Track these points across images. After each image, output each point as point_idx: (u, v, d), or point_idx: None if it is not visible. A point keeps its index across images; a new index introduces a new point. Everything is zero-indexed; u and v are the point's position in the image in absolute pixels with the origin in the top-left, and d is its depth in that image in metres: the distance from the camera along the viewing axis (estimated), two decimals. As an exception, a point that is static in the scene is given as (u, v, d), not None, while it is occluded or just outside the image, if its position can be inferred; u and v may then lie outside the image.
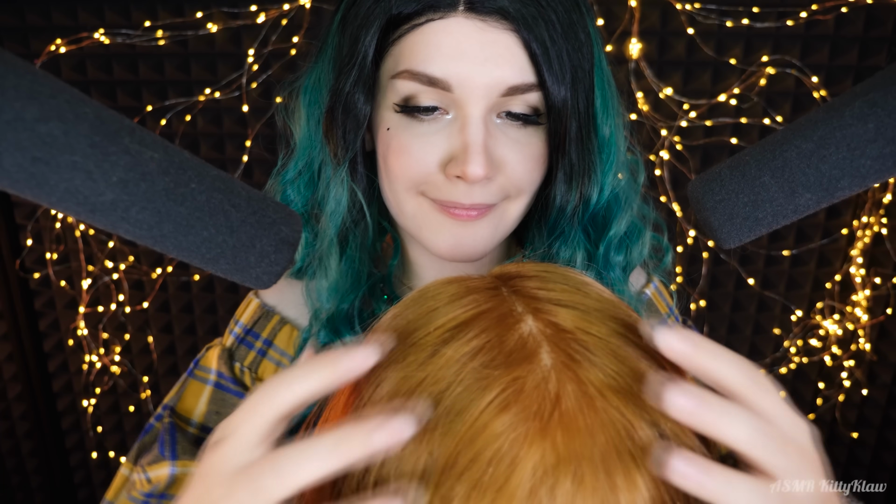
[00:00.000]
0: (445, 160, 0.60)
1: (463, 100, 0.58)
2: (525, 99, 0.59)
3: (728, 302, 1.80)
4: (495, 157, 0.59)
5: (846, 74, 1.59)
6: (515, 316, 0.39)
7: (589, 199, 0.65)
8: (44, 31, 1.62)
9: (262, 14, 1.57)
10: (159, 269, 1.81)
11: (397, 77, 0.59)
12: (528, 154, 0.61)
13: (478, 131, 0.58)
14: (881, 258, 1.72)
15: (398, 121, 0.60)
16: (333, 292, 0.68)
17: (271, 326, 0.74)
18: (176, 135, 1.68)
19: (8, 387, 1.92)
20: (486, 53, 0.56)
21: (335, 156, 0.65)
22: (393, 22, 0.58)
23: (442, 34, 0.57)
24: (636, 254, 0.71)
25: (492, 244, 0.65)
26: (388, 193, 0.65)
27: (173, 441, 0.68)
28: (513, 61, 0.57)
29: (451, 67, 0.57)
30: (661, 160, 1.67)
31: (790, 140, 0.49)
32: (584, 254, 0.67)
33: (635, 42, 1.58)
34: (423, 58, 0.57)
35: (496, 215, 0.63)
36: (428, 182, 0.61)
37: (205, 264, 0.48)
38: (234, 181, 0.49)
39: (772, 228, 0.52)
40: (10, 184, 0.41)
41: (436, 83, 0.57)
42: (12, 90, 0.40)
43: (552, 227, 0.66)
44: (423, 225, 0.63)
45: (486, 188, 0.60)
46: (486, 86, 0.57)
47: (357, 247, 0.68)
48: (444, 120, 0.59)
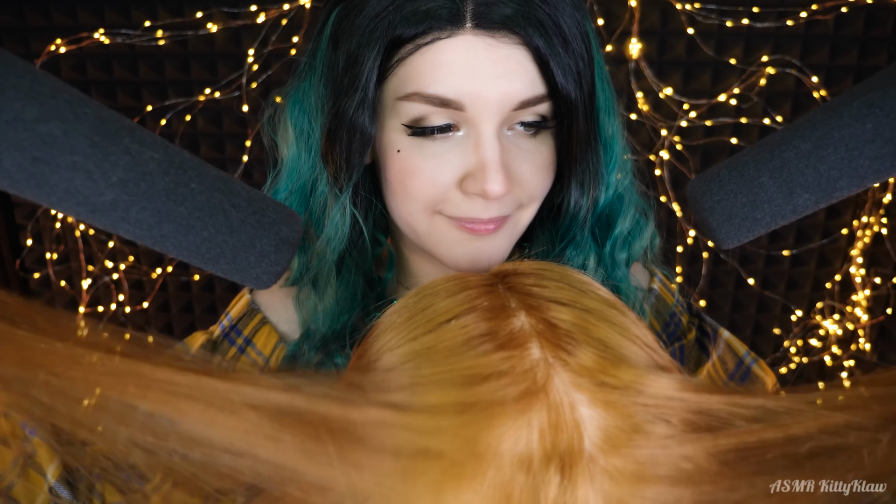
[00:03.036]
0: (461, 178, 0.58)
1: (476, 117, 0.56)
2: (535, 110, 0.58)
3: (728, 302, 1.80)
4: (512, 173, 0.58)
5: (846, 74, 1.59)
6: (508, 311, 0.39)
7: (597, 201, 0.65)
8: (44, 31, 1.62)
9: (262, 14, 1.57)
10: (159, 269, 1.81)
11: (406, 99, 0.57)
12: (540, 163, 0.60)
13: (494, 148, 0.56)
14: (881, 258, 1.72)
15: (409, 141, 0.59)
16: (328, 314, 0.67)
17: (253, 325, 0.73)
18: (176, 135, 1.68)
19: (8, 386, 1.92)
20: (498, 70, 0.55)
21: (336, 180, 0.63)
22: (396, 42, 0.56)
23: (451, 53, 0.55)
24: (637, 247, 0.71)
25: (507, 253, 0.64)
26: (403, 213, 0.63)
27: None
28: (524, 75, 0.56)
29: (463, 87, 0.55)
30: (661, 160, 1.67)
31: (789, 140, 0.49)
32: (595, 257, 0.67)
33: (635, 42, 1.58)
34: (432, 79, 0.55)
35: (510, 225, 0.62)
36: (445, 200, 0.59)
37: (205, 264, 0.48)
38: (234, 181, 0.49)
39: (770, 229, 0.52)
40: (10, 184, 0.41)
41: (448, 104, 0.55)
42: (12, 90, 0.40)
43: (564, 233, 0.65)
44: (439, 242, 0.62)
45: (503, 201, 0.59)
46: (499, 102, 0.56)
47: (353, 270, 0.67)
48: (456, 137, 0.58)
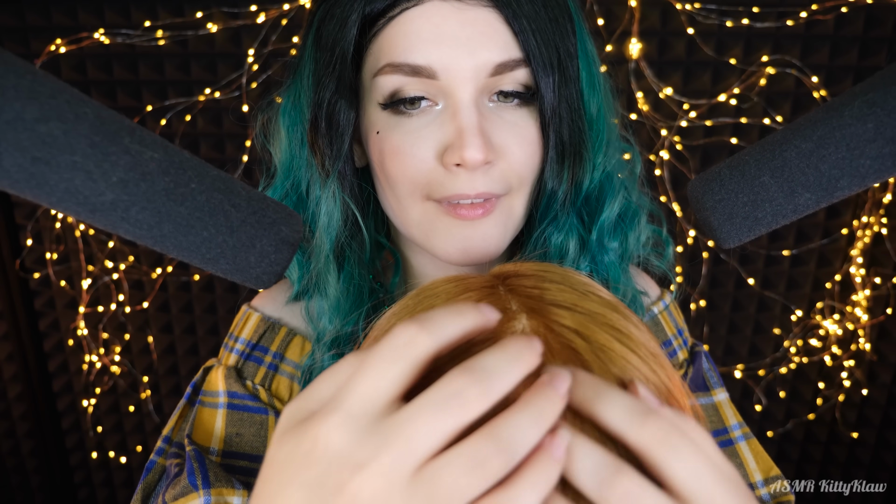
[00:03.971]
0: (441, 150, 0.57)
1: (450, 86, 0.56)
2: (514, 77, 0.57)
3: (728, 302, 1.80)
4: (493, 142, 0.57)
5: (846, 74, 1.59)
6: (509, 314, 0.39)
7: (581, 181, 0.63)
8: (44, 31, 1.62)
9: (262, 14, 1.57)
10: (159, 269, 1.81)
11: (380, 73, 0.57)
12: (526, 136, 0.59)
13: (470, 114, 0.56)
14: (881, 258, 1.72)
15: (386, 120, 0.59)
16: (336, 312, 0.65)
17: (280, 339, 0.70)
18: (176, 135, 1.68)
19: (8, 387, 1.92)
20: (468, 33, 0.55)
21: (322, 168, 0.63)
22: (368, 19, 0.57)
23: (419, 20, 0.55)
24: (633, 239, 0.69)
25: (502, 244, 0.63)
26: (392, 202, 0.63)
27: (204, 468, 0.59)
28: (496, 38, 0.55)
29: (433, 53, 0.55)
30: (661, 160, 1.67)
31: (790, 140, 0.49)
32: (578, 240, 0.65)
33: (635, 42, 1.58)
34: (402, 48, 0.55)
35: (503, 212, 0.61)
36: (430, 181, 0.59)
37: (205, 264, 0.48)
38: (234, 181, 0.49)
39: (771, 228, 0.52)
40: (10, 184, 0.41)
41: (420, 72, 0.55)
42: (12, 90, 0.40)
43: (544, 212, 0.63)
44: (429, 231, 0.61)
45: (489, 175, 0.58)
46: (473, 67, 0.55)
47: (355, 262, 0.65)
48: (434, 111, 0.58)
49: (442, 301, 0.41)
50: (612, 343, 0.38)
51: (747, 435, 0.70)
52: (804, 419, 1.90)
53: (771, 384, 1.87)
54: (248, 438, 0.64)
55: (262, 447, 0.64)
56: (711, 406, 0.70)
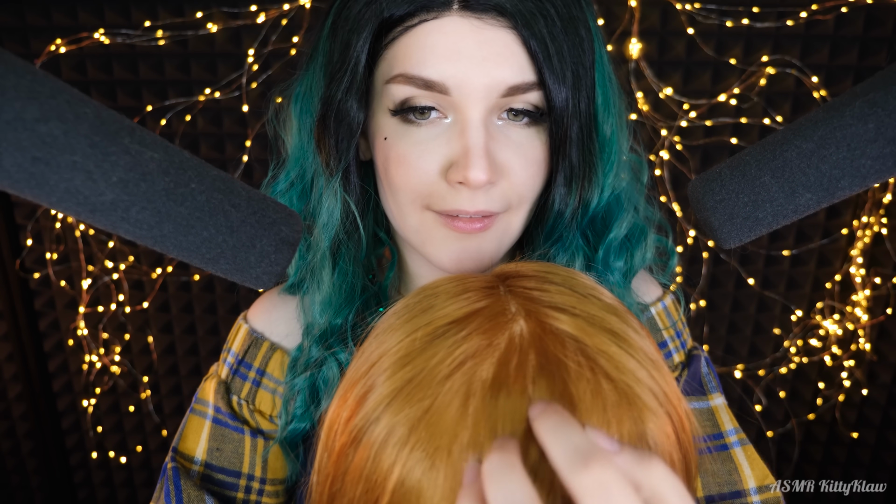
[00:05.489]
0: (446, 166, 0.57)
1: (461, 103, 0.55)
2: (526, 98, 0.56)
3: (728, 302, 1.80)
4: (498, 162, 0.57)
5: (846, 74, 1.59)
6: (508, 316, 0.39)
7: (588, 202, 0.63)
8: (44, 31, 1.62)
9: (262, 14, 1.57)
10: (159, 269, 1.81)
11: (392, 82, 0.56)
12: (531, 157, 0.59)
13: (478, 134, 0.55)
14: (881, 258, 1.72)
15: (395, 128, 0.58)
16: (327, 306, 0.66)
17: (262, 354, 0.71)
18: (176, 135, 1.68)
19: (8, 387, 1.92)
20: (484, 53, 0.54)
21: (327, 166, 0.63)
22: (385, 25, 0.56)
23: (436, 35, 0.54)
24: (638, 258, 0.68)
25: (496, 258, 0.62)
26: (392, 205, 0.62)
27: (179, 491, 0.63)
28: (512, 60, 0.55)
29: (447, 69, 0.54)
30: (661, 160, 1.67)
31: (790, 140, 0.49)
32: (583, 259, 0.64)
33: (635, 42, 1.58)
34: (417, 60, 0.55)
35: (500, 228, 0.61)
36: (432, 193, 0.58)
37: (205, 264, 0.48)
38: (234, 181, 0.49)
39: (772, 228, 0.52)
40: (10, 184, 0.41)
41: (432, 86, 0.55)
42: (12, 90, 0.39)
43: (549, 232, 0.63)
44: (426, 239, 0.61)
45: (489, 194, 0.58)
46: (485, 87, 0.54)
47: (350, 259, 0.65)
48: (443, 124, 0.57)
49: (442, 301, 0.41)
50: (610, 347, 0.37)
51: (743, 441, 0.69)
52: (804, 419, 1.90)
53: (771, 384, 1.87)
54: (226, 454, 0.68)
55: (238, 463, 0.67)
56: (708, 410, 0.70)
